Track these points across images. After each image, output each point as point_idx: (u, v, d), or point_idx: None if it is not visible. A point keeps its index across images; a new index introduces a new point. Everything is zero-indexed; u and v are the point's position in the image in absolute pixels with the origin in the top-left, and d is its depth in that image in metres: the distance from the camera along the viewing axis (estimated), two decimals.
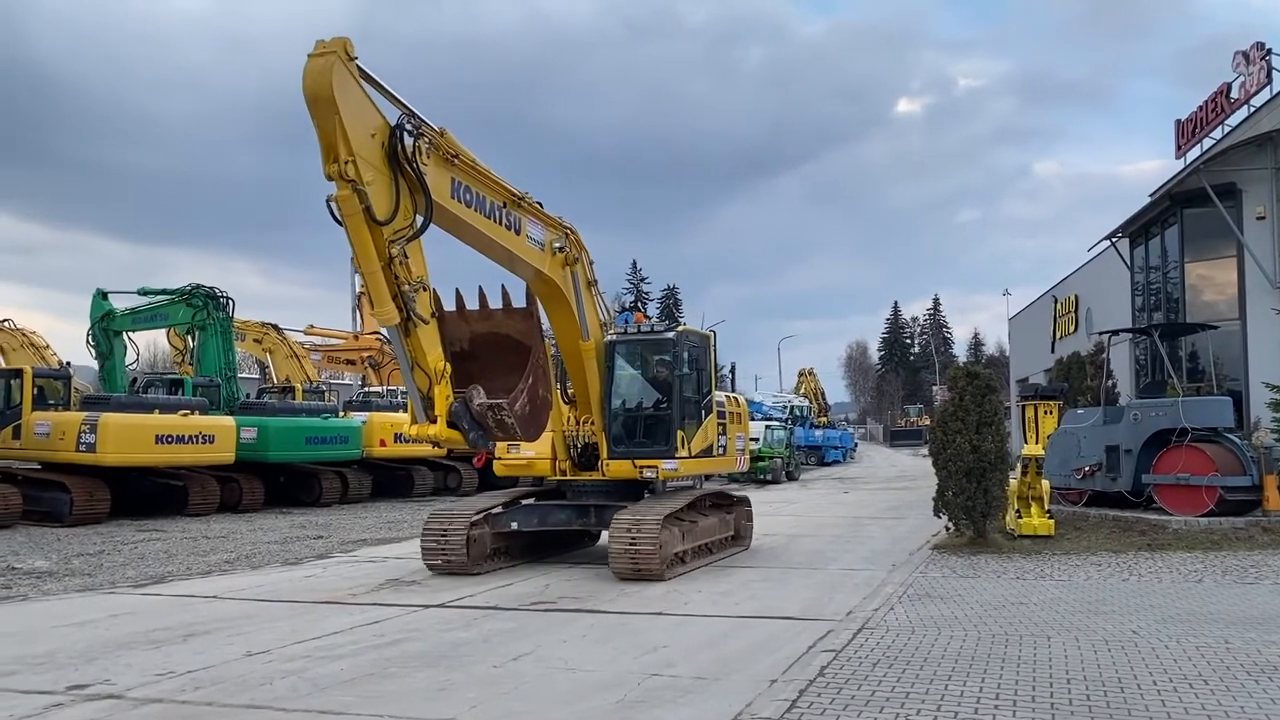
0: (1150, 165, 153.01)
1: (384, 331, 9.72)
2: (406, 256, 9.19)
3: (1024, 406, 16.01)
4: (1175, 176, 23.49)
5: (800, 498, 28.27)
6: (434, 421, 9.51)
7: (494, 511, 13.00)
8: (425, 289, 9.47)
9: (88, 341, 27.44)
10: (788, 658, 7.58)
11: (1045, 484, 15.18)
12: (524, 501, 13.50)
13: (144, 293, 27.11)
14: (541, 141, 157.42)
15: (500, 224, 10.69)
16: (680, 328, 13.60)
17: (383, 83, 9.11)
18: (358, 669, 7.48)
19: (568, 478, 13.18)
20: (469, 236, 10.46)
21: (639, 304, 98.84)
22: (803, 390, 68.38)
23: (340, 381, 46.01)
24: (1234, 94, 23.36)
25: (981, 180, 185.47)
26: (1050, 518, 15.05)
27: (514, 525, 12.94)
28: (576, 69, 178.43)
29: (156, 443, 20.17)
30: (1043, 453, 15.37)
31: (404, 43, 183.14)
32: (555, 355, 13.10)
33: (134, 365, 29.03)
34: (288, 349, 33.26)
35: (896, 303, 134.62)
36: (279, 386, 31.04)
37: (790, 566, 13.24)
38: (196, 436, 20.98)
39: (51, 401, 21.21)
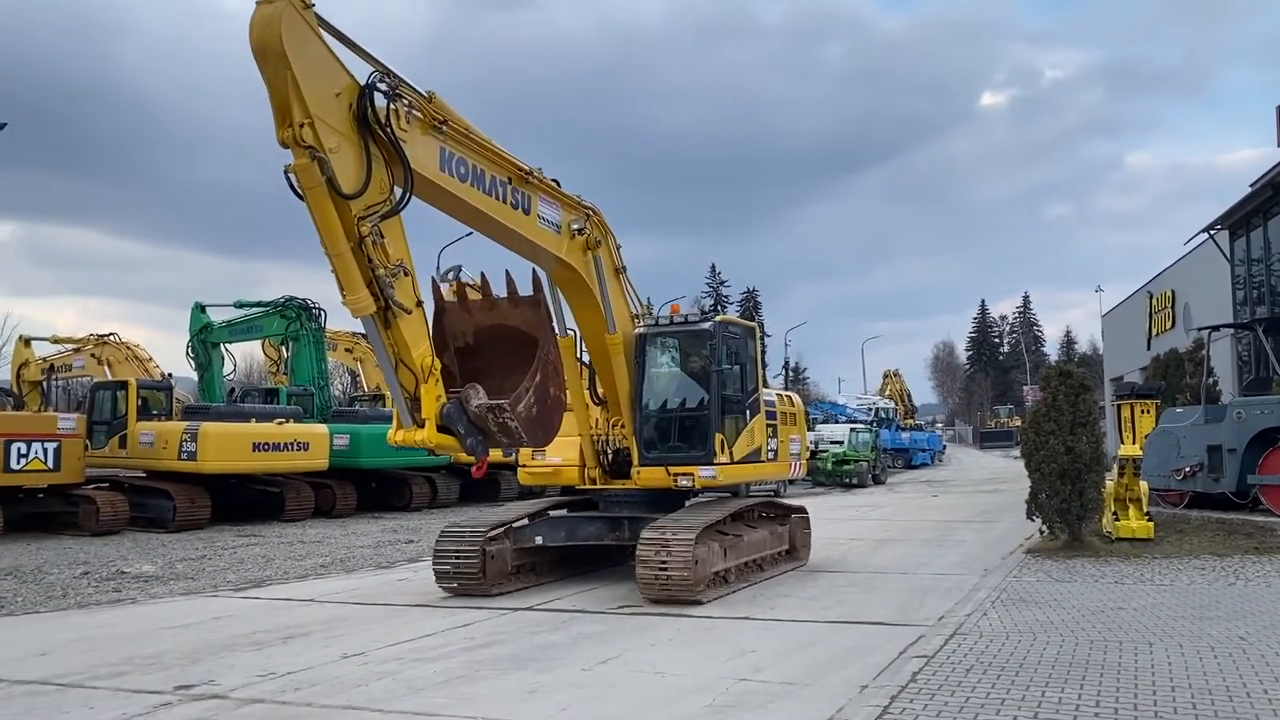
0: (1249, 154, 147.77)
1: (359, 324, 8.38)
2: (382, 236, 7.90)
3: (1119, 406, 15.54)
4: (1278, 165, 22.55)
5: (887, 501, 27.87)
6: (421, 425, 8.24)
7: (516, 525, 11.70)
8: (407, 274, 8.17)
9: (187, 353, 28.35)
10: (879, 663, 7.48)
11: (1144, 485, 14.72)
12: (551, 513, 12.25)
13: (239, 305, 27.97)
14: (618, 145, 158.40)
15: (504, 202, 9.37)
16: (719, 317, 12.31)
17: (349, 36, 7.92)
18: (450, 671, 7.61)
19: (598, 486, 11.95)
20: (468, 216, 9.25)
21: (719, 307, 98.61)
22: (888, 392, 67.68)
23: None
24: None
25: (1071, 173, 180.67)
26: (1149, 520, 14.58)
27: (538, 540, 11.73)
28: (652, 72, 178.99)
29: (254, 451, 20.91)
30: (1140, 453, 14.90)
31: (480, 50, 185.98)
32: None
33: (231, 376, 29.95)
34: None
35: (984, 301, 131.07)
36: (370, 394, 31.77)
37: (879, 571, 13.08)
38: (292, 444, 21.68)
39: (155, 412, 22.05)
